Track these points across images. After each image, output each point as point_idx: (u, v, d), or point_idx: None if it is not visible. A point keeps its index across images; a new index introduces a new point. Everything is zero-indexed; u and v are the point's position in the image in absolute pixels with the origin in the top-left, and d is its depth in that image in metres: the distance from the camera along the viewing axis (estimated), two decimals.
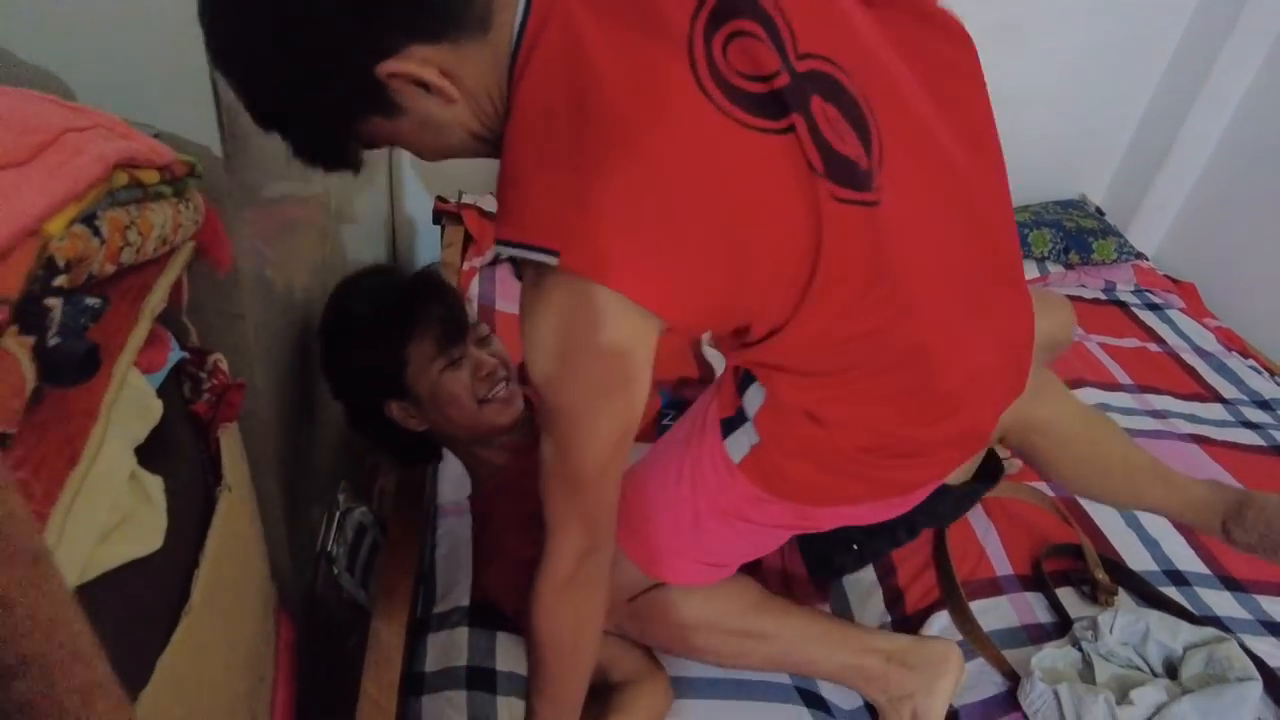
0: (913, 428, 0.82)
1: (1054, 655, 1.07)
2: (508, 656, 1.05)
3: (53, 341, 0.44)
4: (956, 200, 0.81)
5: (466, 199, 2.02)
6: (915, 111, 0.78)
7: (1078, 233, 2.13)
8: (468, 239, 1.96)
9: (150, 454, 0.63)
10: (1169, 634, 1.10)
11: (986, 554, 1.28)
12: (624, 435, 0.75)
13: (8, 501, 0.28)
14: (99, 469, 0.55)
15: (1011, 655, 1.11)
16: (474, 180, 2.04)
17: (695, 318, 0.73)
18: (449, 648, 1.07)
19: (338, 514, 1.41)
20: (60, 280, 0.45)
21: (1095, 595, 1.22)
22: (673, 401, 1.47)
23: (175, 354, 0.70)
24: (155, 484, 0.61)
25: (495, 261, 1.94)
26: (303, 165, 0.74)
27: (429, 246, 2.13)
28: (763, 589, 1.04)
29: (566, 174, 0.64)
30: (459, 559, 1.19)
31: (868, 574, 1.24)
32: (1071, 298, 2.10)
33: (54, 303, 0.44)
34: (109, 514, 0.57)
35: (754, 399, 0.84)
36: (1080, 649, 1.09)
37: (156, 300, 0.66)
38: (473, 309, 1.78)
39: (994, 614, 1.17)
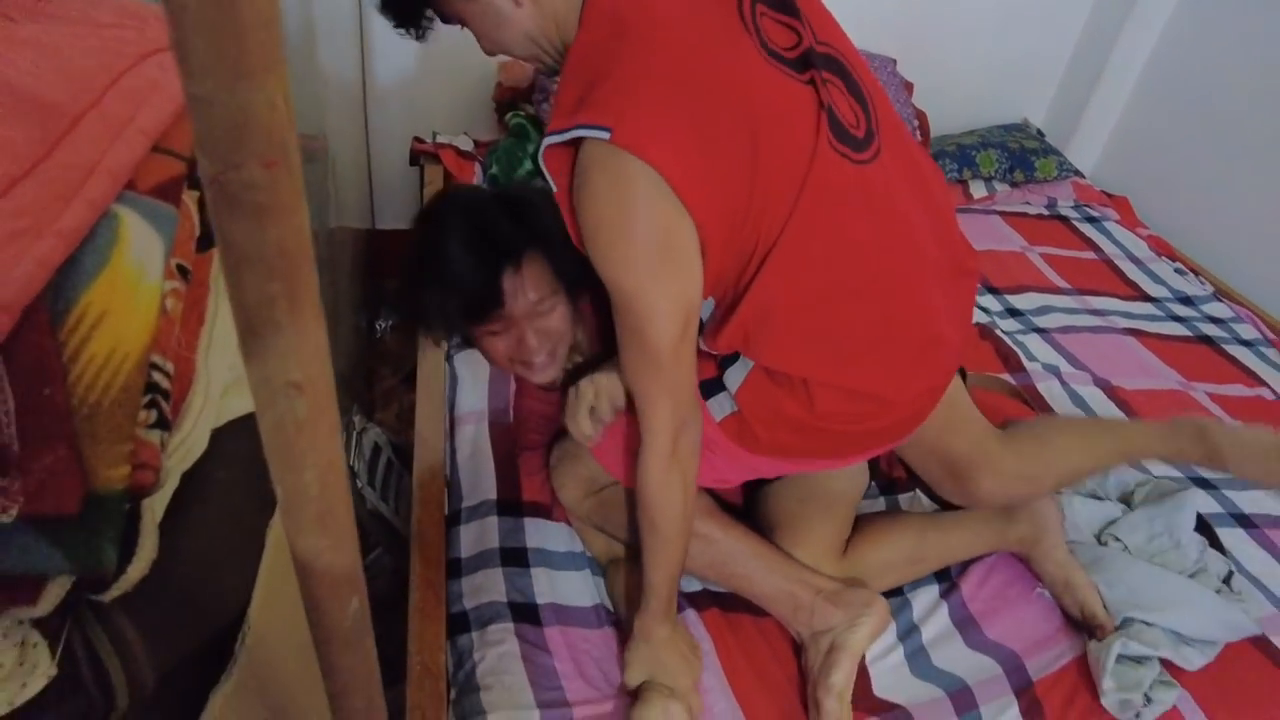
0: (881, 384, 0.94)
1: None
2: (535, 536, 1.15)
3: None
4: (923, 193, 0.98)
5: (442, 139, 2.07)
6: (892, 111, 0.97)
7: (1021, 153, 2.27)
8: (447, 178, 2.01)
9: None
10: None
11: None
12: (687, 318, 0.85)
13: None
14: (218, 330, 0.63)
15: None
16: (450, 121, 2.09)
17: (714, 219, 0.82)
18: (480, 535, 1.16)
19: (355, 434, 1.49)
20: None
21: None
22: None
23: None
24: None
25: None
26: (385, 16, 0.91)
27: (408, 188, 2.17)
28: (715, 503, 1.11)
29: (626, 76, 0.77)
30: (480, 460, 1.28)
31: None
32: (1017, 214, 2.26)
33: None
34: (228, 372, 0.65)
35: (735, 376, 0.97)
36: None
37: None
38: None
39: None
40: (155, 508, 0.48)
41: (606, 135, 0.74)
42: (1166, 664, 1.04)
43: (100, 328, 0.41)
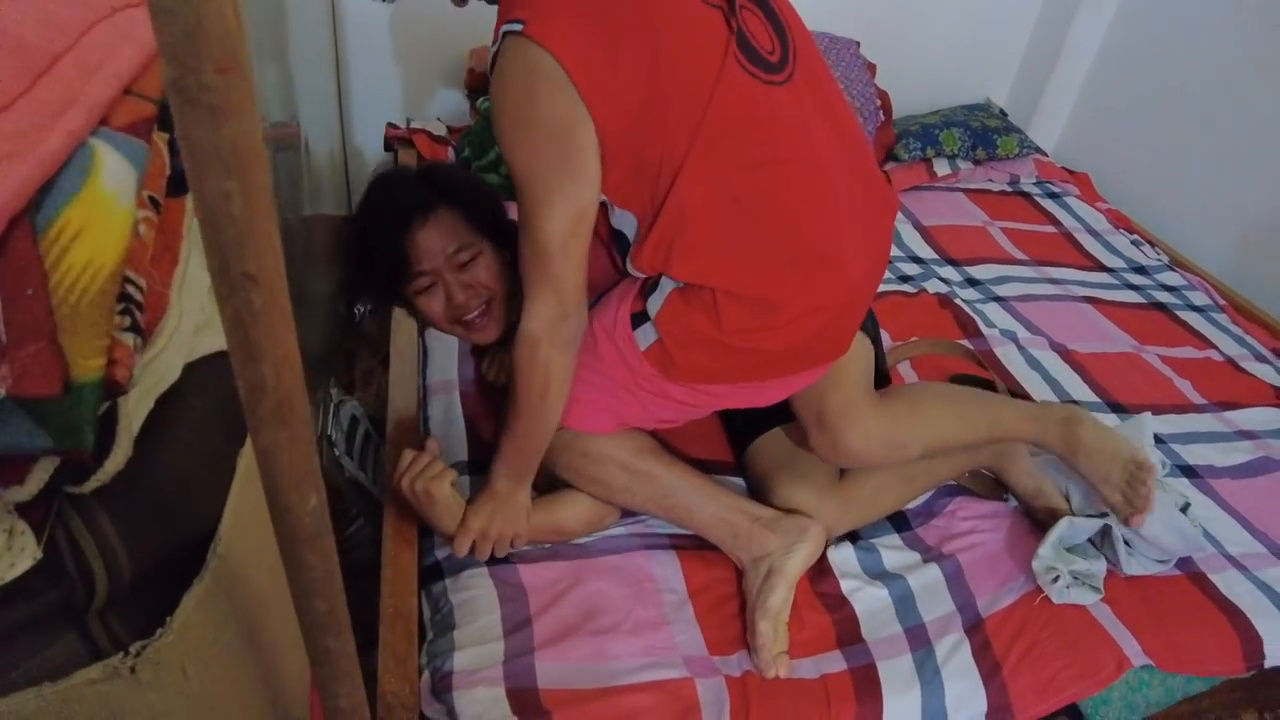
0: (775, 290, 0.99)
1: None
2: None
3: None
4: (837, 125, 1.04)
5: (416, 125, 2.11)
6: (815, 53, 1.05)
7: (983, 131, 2.34)
8: (421, 162, 2.05)
9: None
10: None
11: None
12: (579, 217, 0.92)
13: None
14: (190, 273, 0.68)
15: None
16: (423, 107, 2.13)
17: (614, 122, 0.89)
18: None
19: (333, 405, 1.54)
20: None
21: None
22: None
23: None
24: None
25: None
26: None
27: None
28: (657, 443, 1.16)
29: None
30: (452, 426, 1.33)
31: None
32: (979, 190, 2.33)
33: None
34: (199, 312, 0.70)
35: (655, 302, 1.03)
36: None
37: None
38: None
39: None
40: (131, 415, 0.53)
41: (520, 27, 0.83)
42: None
43: (78, 241, 0.46)
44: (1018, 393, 1.53)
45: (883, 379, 1.28)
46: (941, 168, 2.30)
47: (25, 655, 0.51)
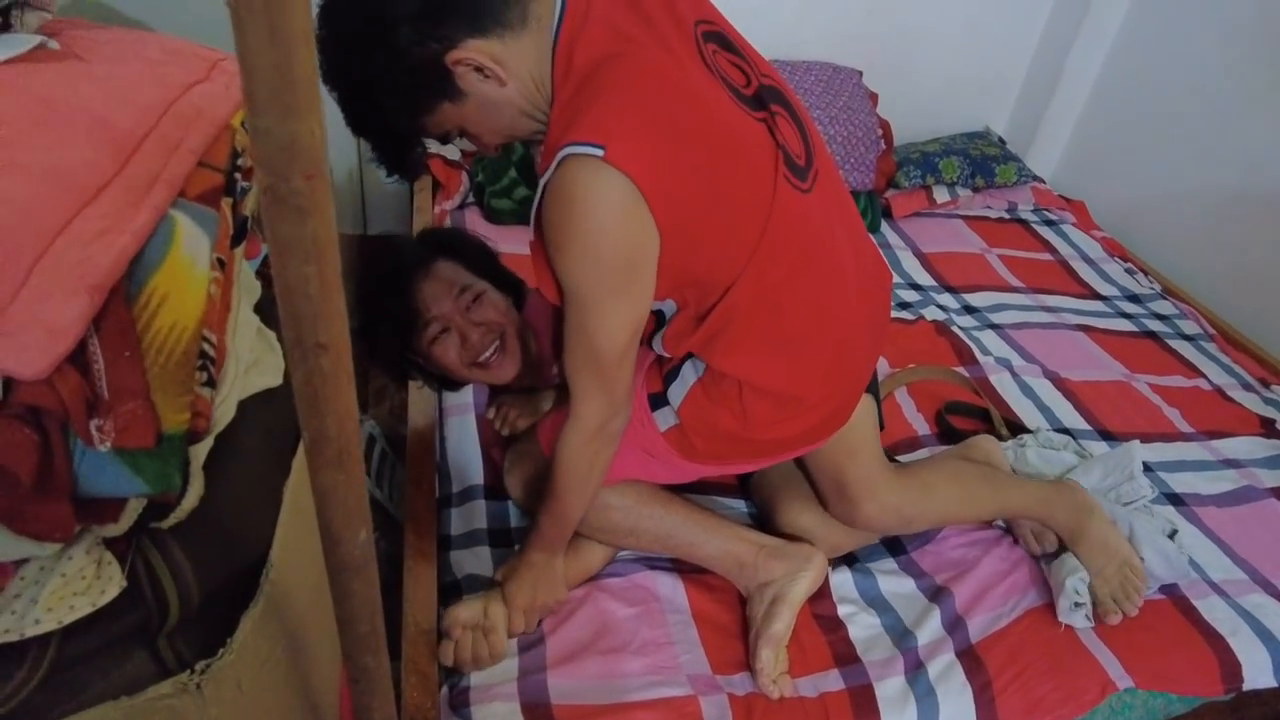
0: (806, 387, 1.04)
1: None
2: (518, 517, 1.26)
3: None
4: (845, 212, 1.10)
5: (431, 149, 2.17)
6: (817, 132, 1.07)
7: (982, 159, 2.40)
8: (436, 185, 2.12)
9: (263, 319, 0.82)
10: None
11: (906, 418, 1.54)
12: (636, 326, 0.93)
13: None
14: (241, 318, 0.74)
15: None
16: None
17: (678, 239, 0.89)
18: (469, 516, 1.27)
19: None
20: (241, 160, 0.64)
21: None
22: None
23: (265, 248, 0.88)
24: (274, 336, 0.80)
25: (463, 205, 2.11)
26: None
27: (398, 195, 2.28)
28: (657, 487, 1.18)
29: (614, 98, 0.84)
30: (468, 450, 1.39)
31: None
32: (978, 217, 2.39)
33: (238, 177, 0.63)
34: (248, 352, 0.76)
35: (677, 392, 1.07)
36: None
37: (253, 202, 0.84)
38: None
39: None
40: (199, 455, 0.59)
41: (600, 153, 0.80)
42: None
43: (164, 306, 0.52)
44: (1011, 419, 1.58)
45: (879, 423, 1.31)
46: (941, 195, 2.37)
47: (106, 672, 0.56)
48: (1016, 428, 1.57)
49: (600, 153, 0.80)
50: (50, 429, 0.45)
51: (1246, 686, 1.16)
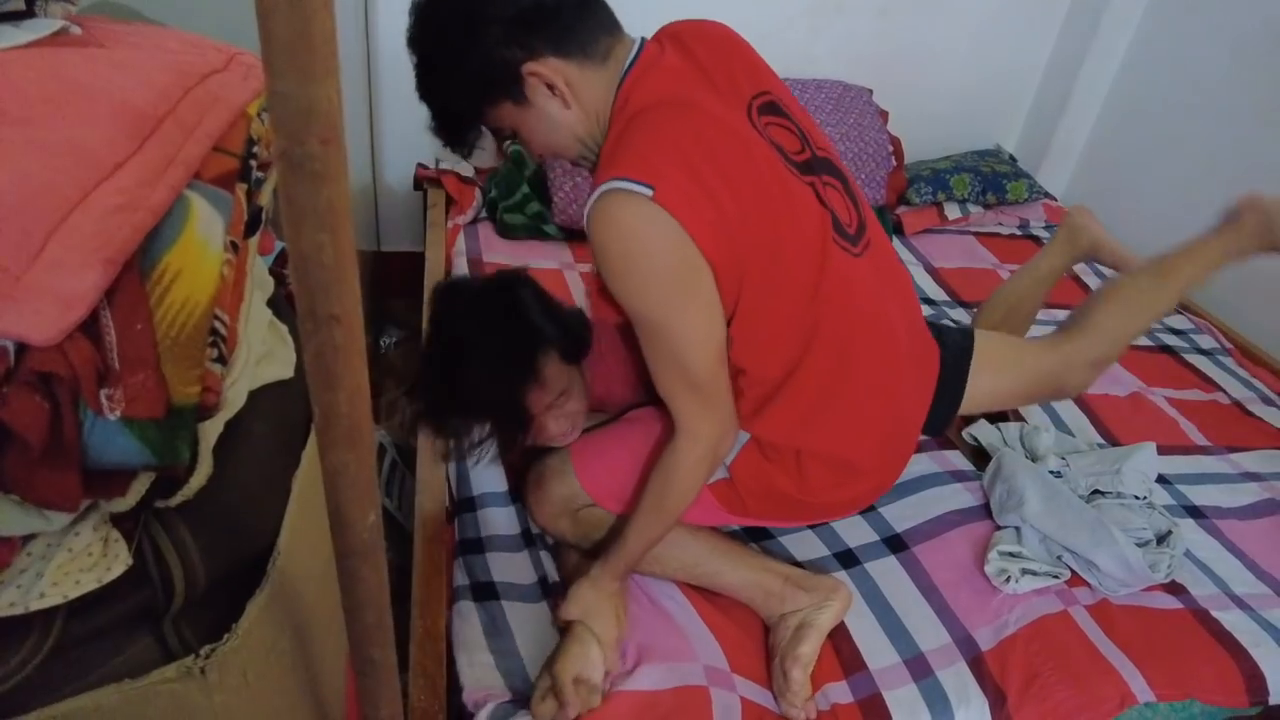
0: (862, 454, 1.05)
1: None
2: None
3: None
4: (898, 283, 1.12)
5: (444, 165, 2.20)
6: (869, 208, 1.10)
7: (993, 176, 2.40)
8: (449, 201, 2.13)
9: (276, 314, 0.83)
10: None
11: None
12: (719, 343, 0.93)
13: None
14: (253, 309, 0.75)
15: (945, 491, 1.36)
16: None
17: (731, 280, 0.91)
18: (488, 521, 1.27)
19: None
20: (257, 149, 0.64)
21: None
22: None
23: (279, 245, 0.89)
24: (285, 330, 0.81)
25: (476, 220, 2.13)
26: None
27: (412, 211, 2.30)
28: None
29: (666, 136, 0.87)
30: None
31: None
32: (989, 234, 2.39)
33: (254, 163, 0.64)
34: (260, 345, 0.76)
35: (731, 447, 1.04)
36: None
37: (267, 197, 0.85)
38: (461, 262, 1.96)
39: (919, 465, 1.42)
40: (209, 438, 0.59)
41: (649, 193, 0.82)
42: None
43: (177, 282, 0.52)
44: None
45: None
46: (952, 211, 2.37)
47: (109, 655, 0.56)
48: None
49: (649, 192, 0.82)
50: (61, 397, 0.45)
51: (1274, 700, 1.13)
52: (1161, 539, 1.25)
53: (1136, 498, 1.34)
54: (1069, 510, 1.22)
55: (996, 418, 1.54)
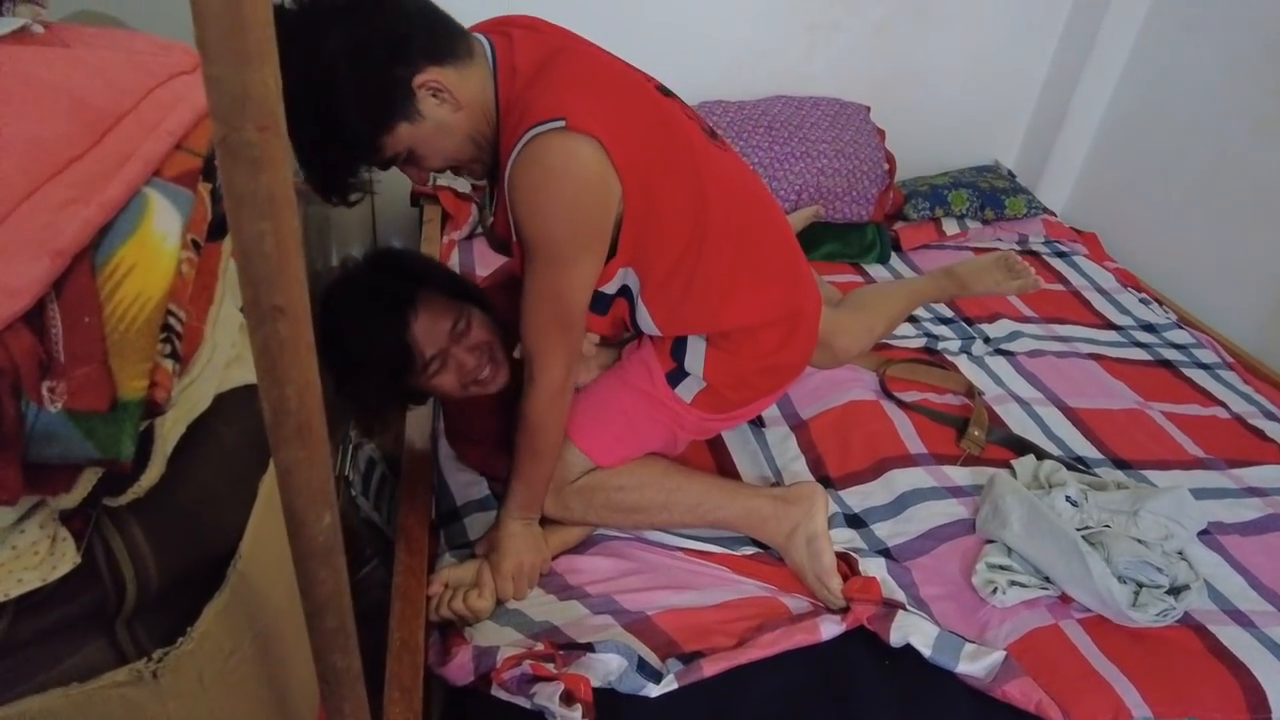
0: (799, 298, 1.21)
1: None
2: None
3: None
4: (744, 163, 1.26)
5: (440, 182, 2.21)
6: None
7: (991, 192, 2.40)
8: (445, 216, 2.14)
9: None
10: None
11: (901, 437, 1.51)
12: (593, 284, 1.04)
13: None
14: (223, 312, 0.74)
15: (937, 505, 1.34)
16: None
17: (637, 190, 0.99)
18: (481, 526, 1.27)
19: (351, 446, 1.59)
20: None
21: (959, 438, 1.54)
22: None
23: None
24: None
25: (471, 235, 2.13)
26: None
27: (409, 227, 2.31)
28: (669, 460, 1.29)
29: (562, 83, 0.96)
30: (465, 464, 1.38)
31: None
32: (988, 249, 2.38)
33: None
34: (230, 348, 0.76)
35: (694, 361, 1.18)
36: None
37: None
38: None
39: (913, 478, 1.40)
40: (167, 438, 0.58)
41: (562, 123, 0.91)
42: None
43: (130, 277, 0.52)
44: (1028, 442, 1.55)
45: None
46: (950, 227, 2.36)
47: (58, 657, 0.55)
48: (1004, 438, 1.55)
49: (562, 123, 0.92)
50: (1, 389, 0.45)
51: (1277, 718, 1.10)
52: (1178, 590, 1.21)
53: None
54: (1048, 536, 1.19)
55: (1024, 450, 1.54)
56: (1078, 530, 1.22)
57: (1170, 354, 1.97)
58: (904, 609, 1.12)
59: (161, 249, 0.55)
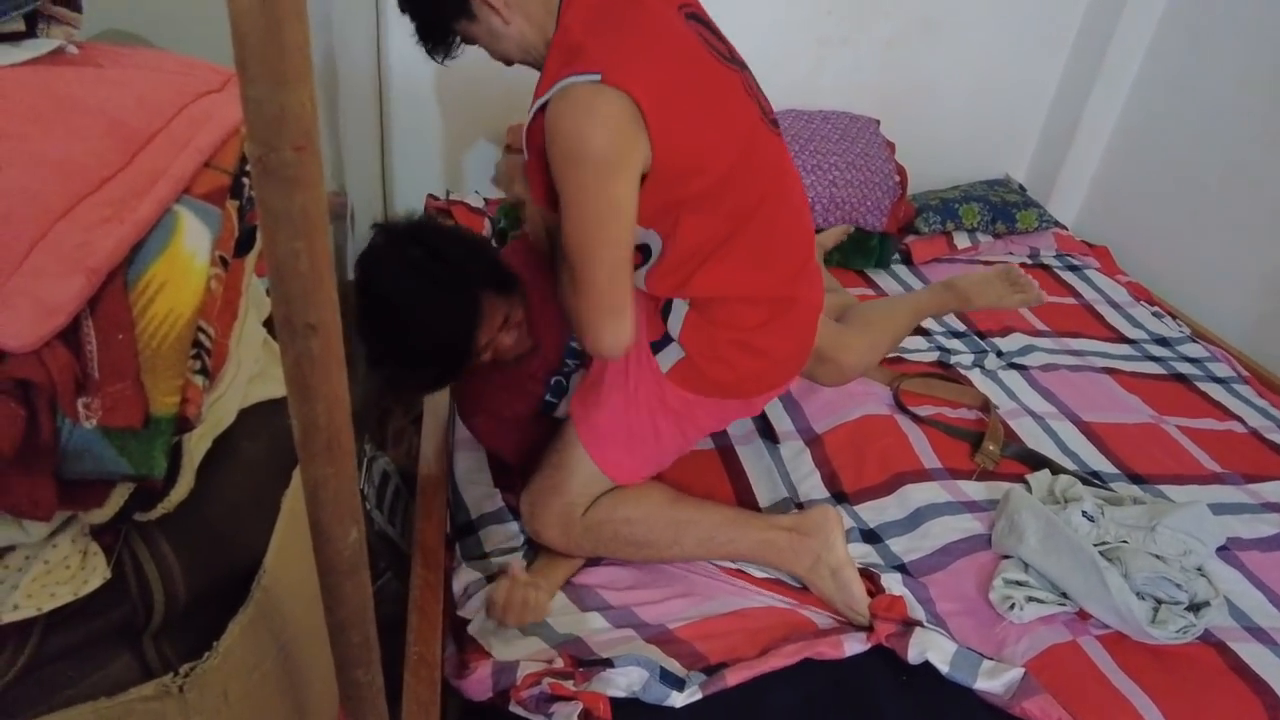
0: (788, 286, 1.21)
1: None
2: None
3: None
4: (796, 186, 1.29)
5: (454, 196, 2.23)
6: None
7: (1002, 206, 2.39)
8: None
9: (272, 334, 0.83)
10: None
11: (916, 452, 1.51)
12: (625, 252, 1.05)
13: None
14: (247, 328, 0.75)
15: (952, 521, 1.34)
16: (461, 180, 2.25)
17: (669, 159, 1.02)
18: (496, 537, 1.29)
19: (366, 460, 1.60)
20: (249, 165, 0.65)
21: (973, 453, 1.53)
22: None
23: None
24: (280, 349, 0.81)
25: None
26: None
27: None
28: (675, 489, 1.28)
29: (610, 38, 1.01)
30: (479, 477, 1.38)
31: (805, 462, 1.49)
32: (999, 263, 2.37)
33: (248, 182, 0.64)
34: (254, 363, 0.76)
35: (675, 323, 1.17)
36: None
37: None
38: None
39: (929, 494, 1.40)
40: (194, 452, 0.59)
41: (598, 78, 0.96)
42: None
43: (161, 294, 0.53)
44: (1043, 457, 1.54)
45: None
46: (961, 241, 2.36)
47: (86, 672, 0.55)
48: (1020, 453, 1.55)
49: (597, 78, 0.96)
50: (38, 405, 0.45)
51: None
52: (1198, 607, 1.20)
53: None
54: (1065, 552, 1.18)
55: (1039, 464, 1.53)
56: (1094, 546, 1.21)
57: (1184, 368, 1.96)
58: (922, 625, 1.11)
59: (191, 266, 0.56)
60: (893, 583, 1.19)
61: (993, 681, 1.04)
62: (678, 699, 0.97)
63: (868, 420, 1.55)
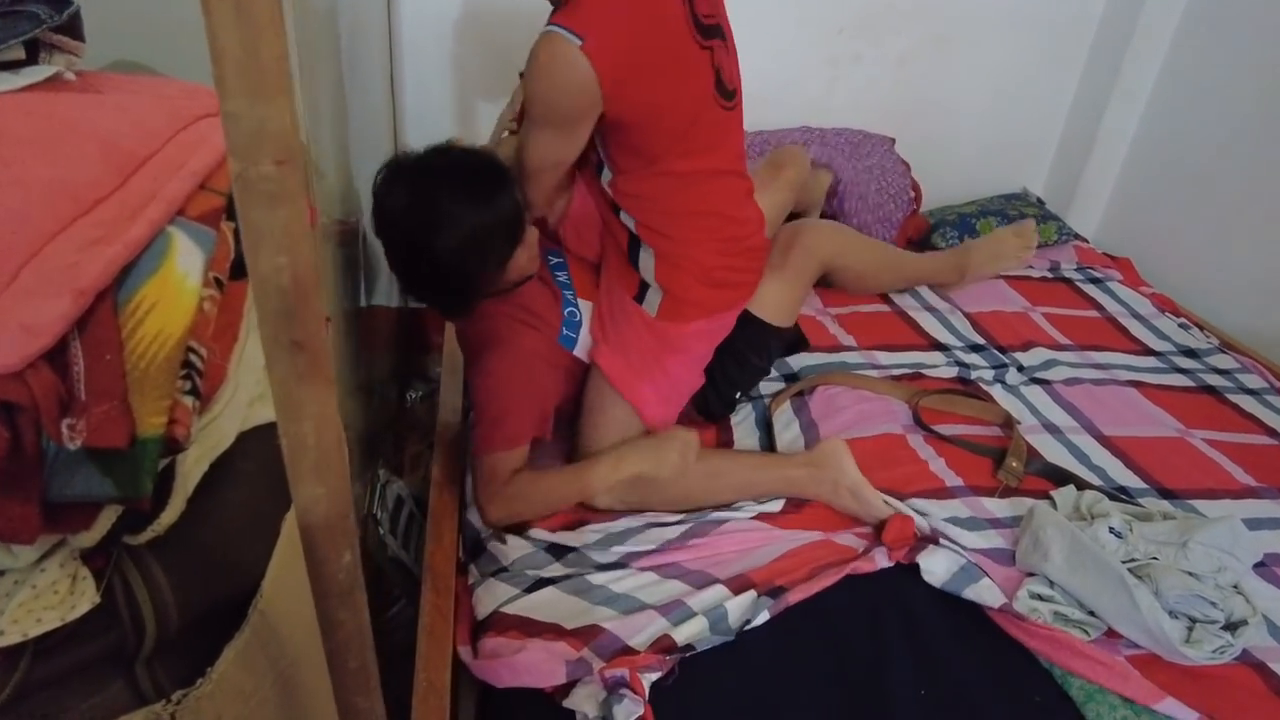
0: (740, 230, 1.42)
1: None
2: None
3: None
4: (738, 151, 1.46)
5: None
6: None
7: (1020, 219, 2.36)
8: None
9: None
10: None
11: (933, 470, 1.47)
12: (558, 161, 1.30)
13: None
14: (247, 350, 0.75)
15: (975, 537, 1.30)
16: None
17: (629, 112, 1.22)
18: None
19: (379, 485, 1.59)
20: None
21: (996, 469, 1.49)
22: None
23: None
24: None
25: None
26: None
27: None
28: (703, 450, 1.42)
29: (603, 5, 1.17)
30: None
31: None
32: (1021, 277, 2.34)
33: None
34: (254, 386, 0.76)
35: (647, 266, 1.36)
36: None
37: None
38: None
39: (948, 509, 1.36)
40: (188, 476, 0.58)
41: (579, 42, 1.11)
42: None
43: (151, 315, 0.52)
44: (1068, 473, 1.50)
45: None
46: None
47: (77, 699, 0.54)
48: (1043, 468, 1.50)
49: (579, 43, 1.11)
50: (21, 426, 0.45)
51: None
52: (1234, 626, 1.15)
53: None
54: (1092, 569, 1.14)
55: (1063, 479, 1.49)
56: (1123, 563, 1.17)
57: (1214, 379, 1.90)
58: (936, 544, 1.24)
59: (183, 287, 0.55)
60: (903, 507, 1.34)
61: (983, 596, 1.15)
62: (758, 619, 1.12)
63: (886, 438, 1.52)
